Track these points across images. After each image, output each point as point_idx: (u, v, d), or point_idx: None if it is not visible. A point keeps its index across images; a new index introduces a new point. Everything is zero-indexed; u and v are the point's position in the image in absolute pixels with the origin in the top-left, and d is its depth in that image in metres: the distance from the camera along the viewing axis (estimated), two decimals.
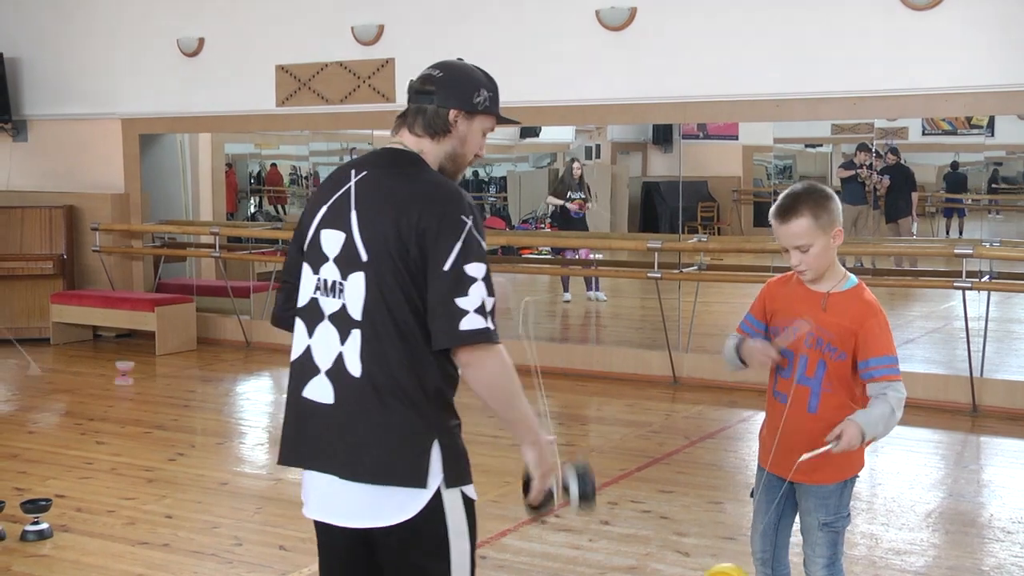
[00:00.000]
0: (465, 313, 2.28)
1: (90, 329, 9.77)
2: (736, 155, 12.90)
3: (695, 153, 12.14)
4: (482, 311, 2.29)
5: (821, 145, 10.34)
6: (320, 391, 2.39)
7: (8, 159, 10.68)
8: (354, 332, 2.35)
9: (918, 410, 6.74)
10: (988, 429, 6.62)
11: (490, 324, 2.30)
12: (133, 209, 10.07)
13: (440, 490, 2.35)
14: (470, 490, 2.43)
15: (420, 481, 2.33)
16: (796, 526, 3.17)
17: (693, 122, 9.49)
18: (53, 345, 9.49)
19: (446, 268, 2.29)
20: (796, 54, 7.39)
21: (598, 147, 13.03)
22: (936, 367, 7.85)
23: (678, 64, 7.79)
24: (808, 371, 2.96)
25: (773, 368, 3.06)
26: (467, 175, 12.36)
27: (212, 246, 9.69)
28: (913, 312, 9.81)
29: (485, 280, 2.30)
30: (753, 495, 3.19)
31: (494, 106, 2.51)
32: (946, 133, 9.62)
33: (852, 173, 9.41)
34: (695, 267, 8.18)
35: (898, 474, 5.59)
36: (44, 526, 4.63)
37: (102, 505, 5.08)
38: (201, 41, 9.64)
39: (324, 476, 2.39)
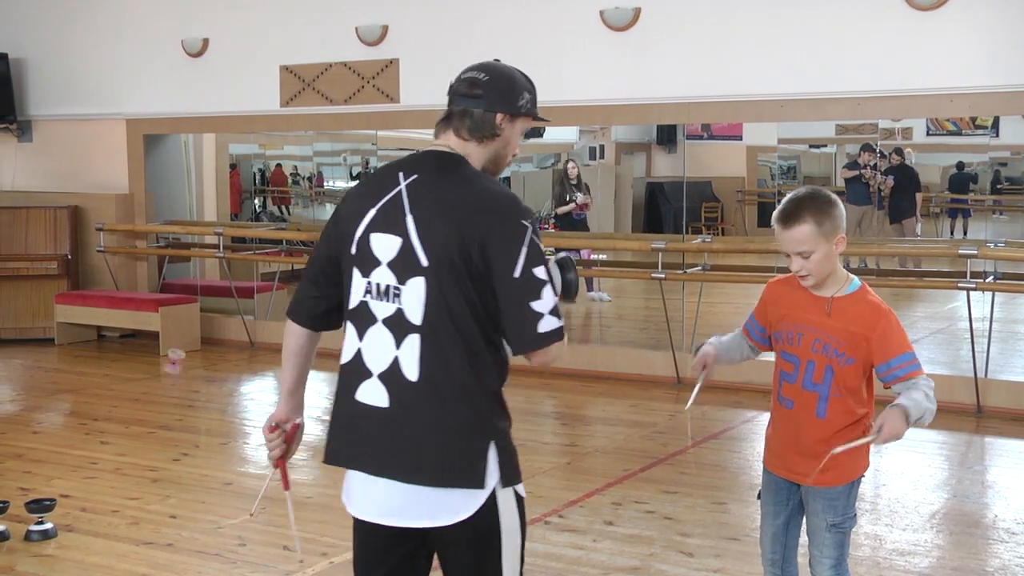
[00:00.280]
0: (541, 316, 2.35)
1: (94, 329, 9.78)
2: (740, 155, 12.89)
3: (699, 153, 12.12)
4: (554, 311, 2.37)
5: (825, 146, 10.31)
6: (373, 394, 2.40)
7: (13, 159, 10.70)
8: (412, 337, 2.36)
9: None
10: (992, 430, 6.61)
11: (561, 321, 2.38)
12: (137, 209, 10.08)
13: (495, 490, 2.39)
14: (521, 488, 2.47)
15: (479, 482, 2.37)
16: (802, 526, 3.17)
17: (697, 122, 9.48)
18: (57, 345, 9.51)
19: (516, 275, 2.33)
20: (800, 54, 7.39)
21: (602, 147, 13.01)
22: (940, 368, 7.83)
23: (682, 64, 7.79)
24: (816, 377, 2.94)
25: (777, 373, 3.05)
26: None
27: (216, 246, 9.70)
28: (917, 313, 9.80)
29: (550, 279, 2.38)
30: (760, 497, 3.18)
31: (534, 107, 2.55)
32: (950, 134, 9.60)
33: (856, 173, 9.40)
34: (699, 267, 8.18)
35: (902, 475, 5.59)
36: (48, 526, 4.64)
37: (106, 505, 5.09)
38: (206, 41, 9.66)
39: (376, 479, 2.41)
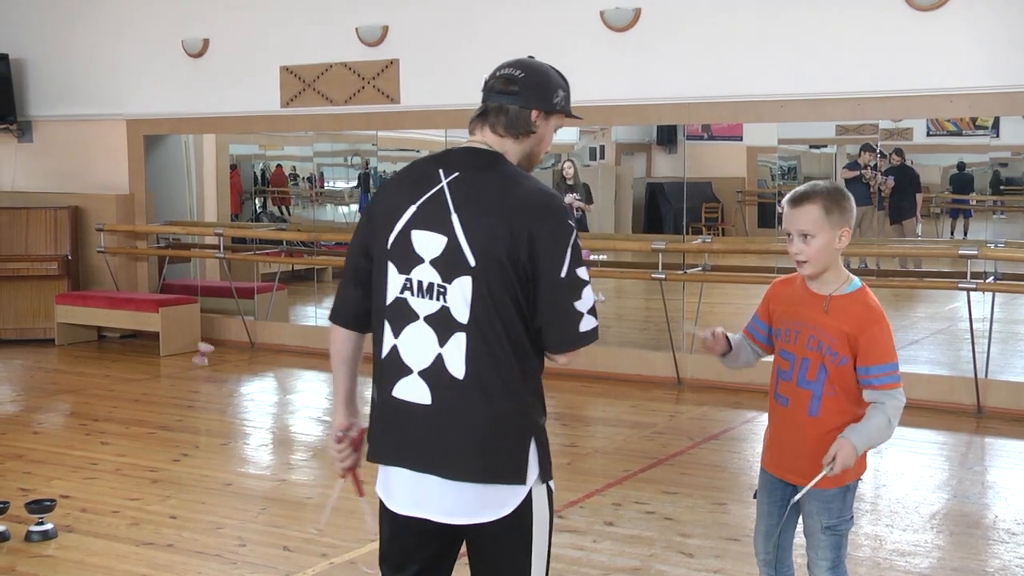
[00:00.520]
0: (582, 316, 2.39)
1: (95, 330, 9.78)
2: (740, 156, 12.87)
3: (699, 154, 12.11)
4: (592, 311, 2.41)
5: (825, 146, 10.30)
6: (413, 391, 2.41)
7: (13, 160, 10.70)
8: (458, 335, 2.37)
9: (922, 411, 6.74)
10: (993, 430, 6.61)
11: (597, 320, 2.43)
12: (138, 210, 10.08)
13: (533, 485, 2.42)
14: (552, 483, 2.50)
15: (521, 478, 2.40)
16: (800, 527, 3.17)
17: (697, 123, 9.48)
18: (58, 346, 9.51)
19: (563, 275, 2.36)
20: (800, 55, 7.39)
21: (602, 148, 13.00)
22: (941, 368, 7.84)
23: (682, 65, 7.79)
24: (809, 375, 2.94)
25: (775, 371, 3.06)
26: None
27: (216, 247, 9.70)
28: (917, 313, 9.80)
29: (589, 280, 2.42)
30: (756, 496, 3.19)
31: (568, 105, 2.56)
32: (951, 134, 9.58)
33: (856, 174, 9.39)
34: (699, 268, 8.18)
35: (902, 475, 5.59)
36: (49, 526, 4.64)
37: (106, 505, 5.09)
38: (206, 42, 9.66)
39: (419, 475, 2.42)
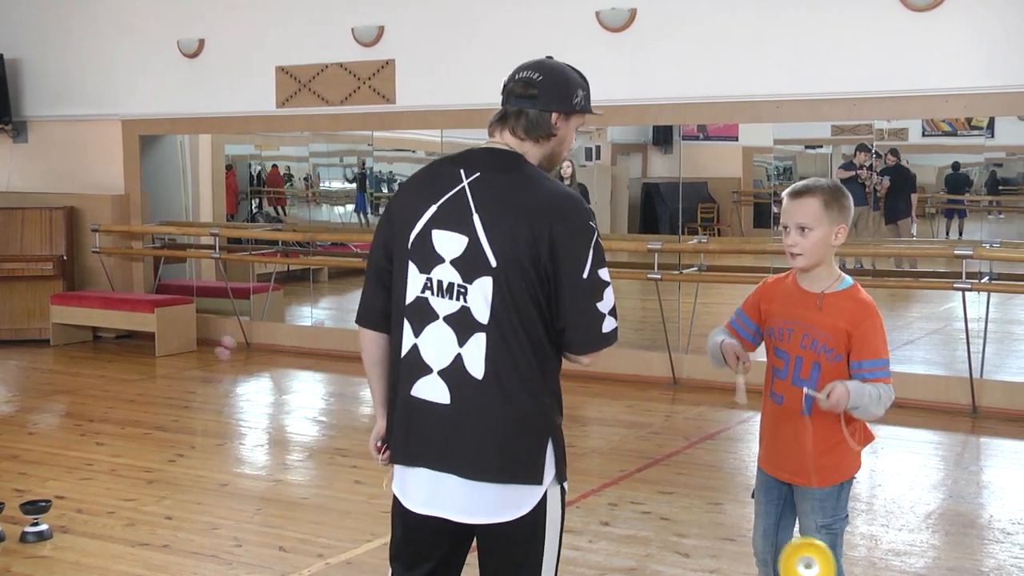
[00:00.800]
0: (604, 317, 2.40)
1: (90, 330, 9.77)
2: (736, 156, 12.88)
3: (695, 154, 12.11)
4: (614, 312, 2.41)
5: (821, 146, 10.31)
6: (432, 390, 2.41)
7: (8, 160, 10.68)
8: (478, 335, 2.37)
9: (918, 411, 6.75)
10: (988, 430, 6.62)
11: (617, 321, 2.43)
12: (133, 210, 10.07)
13: (549, 485, 2.43)
14: (566, 484, 2.50)
15: (538, 478, 2.41)
16: (795, 526, 3.17)
17: (693, 123, 9.48)
18: (53, 346, 9.49)
19: (585, 276, 2.36)
20: (796, 55, 7.40)
21: (598, 148, 13.01)
22: (936, 368, 7.85)
23: (678, 65, 7.79)
24: (803, 373, 2.95)
25: (769, 370, 3.06)
26: None
27: (212, 247, 9.69)
28: (913, 313, 9.81)
29: (610, 281, 2.42)
30: (754, 496, 3.19)
31: (588, 104, 2.55)
32: (946, 134, 9.60)
33: (852, 174, 9.39)
34: (695, 268, 8.18)
35: (898, 475, 5.60)
36: (44, 527, 4.63)
37: (102, 506, 5.08)
38: (201, 42, 9.65)
39: (439, 474, 2.41)
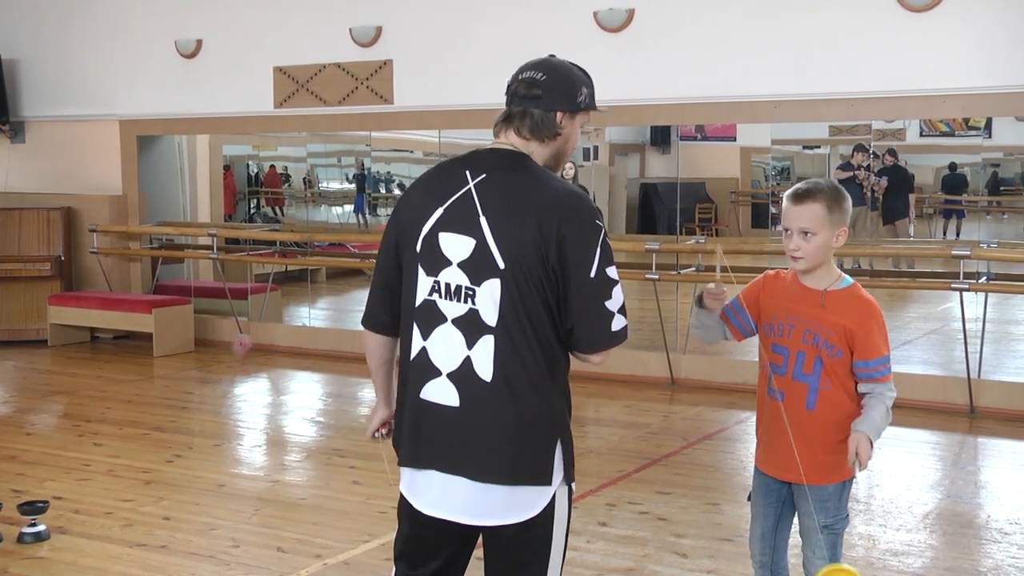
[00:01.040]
0: (613, 315, 2.39)
1: (87, 331, 9.76)
2: (734, 156, 12.87)
3: (693, 154, 12.11)
4: (623, 310, 2.40)
5: (819, 147, 10.31)
6: (442, 393, 2.41)
7: (6, 160, 10.67)
8: (486, 338, 2.36)
9: (916, 411, 6.75)
10: (986, 430, 6.62)
11: (627, 319, 2.42)
12: (131, 210, 10.07)
13: (557, 487, 2.43)
14: (573, 484, 2.50)
15: (547, 480, 2.40)
16: (794, 528, 3.17)
17: (691, 123, 9.48)
18: (51, 347, 9.48)
19: (592, 275, 2.36)
20: (794, 56, 7.41)
21: (596, 148, 13.00)
22: (934, 368, 7.85)
23: (676, 66, 7.80)
24: (805, 367, 2.95)
25: (766, 366, 3.05)
26: None
27: (210, 247, 9.69)
28: (911, 313, 9.81)
29: (619, 279, 2.40)
30: (750, 498, 3.18)
31: (592, 101, 2.53)
32: (944, 135, 9.60)
33: (850, 175, 9.39)
34: (693, 268, 8.18)
35: (896, 475, 5.60)
36: (41, 528, 4.62)
37: (99, 507, 5.08)
38: (199, 43, 9.64)
39: (448, 476, 2.41)
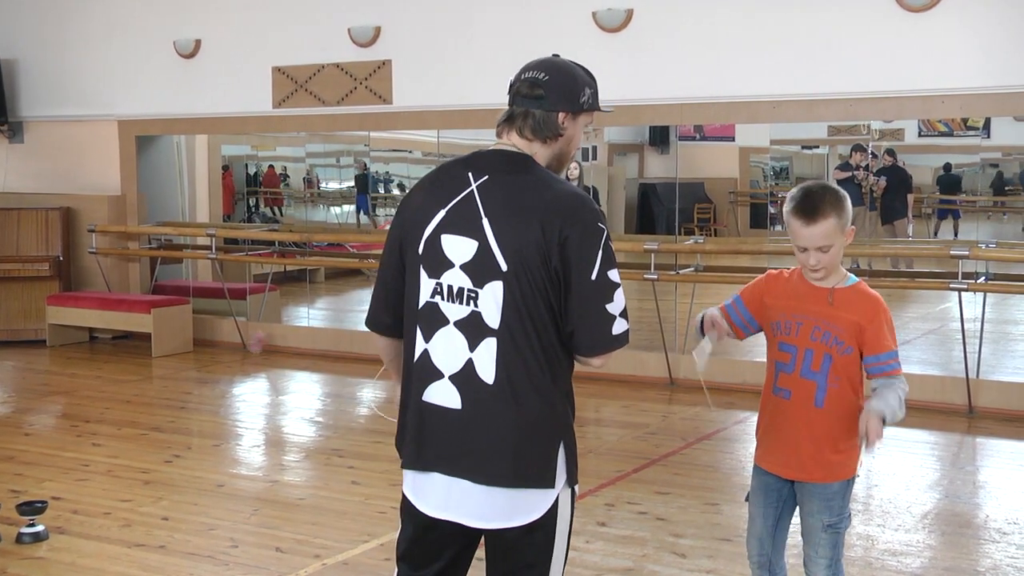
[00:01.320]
0: (614, 318, 2.37)
1: (86, 331, 9.76)
2: (732, 156, 12.89)
3: (691, 154, 12.13)
4: (624, 314, 2.39)
5: (817, 147, 10.33)
6: (444, 395, 2.40)
7: (4, 161, 10.67)
8: (488, 340, 2.36)
9: (914, 411, 6.69)
10: (984, 430, 6.63)
11: (629, 323, 2.41)
12: (129, 211, 10.07)
13: (560, 490, 2.42)
14: (576, 487, 2.49)
15: (550, 482, 2.40)
16: (792, 528, 3.17)
17: (690, 123, 9.50)
18: (49, 347, 9.48)
19: (593, 277, 2.34)
20: (792, 56, 7.41)
21: (595, 148, 13.01)
22: (932, 368, 7.85)
23: (675, 66, 7.80)
24: (814, 365, 2.95)
25: (772, 365, 3.05)
26: None
27: (209, 248, 9.68)
28: (909, 313, 9.81)
29: (621, 283, 2.39)
30: (748, 499, 3.18)
31: (596, 102, 2.52)
32: (942, 135, 9.61)
33: (849, 175, 9.40)
34: (692, 268, 8.19)
35: (894, 475, 5.60)
36: (40, 528, 4.62)
37: (98, 507, 5.08)
38: (198, 43, 9.64)
39: (451, 479, 2.40)
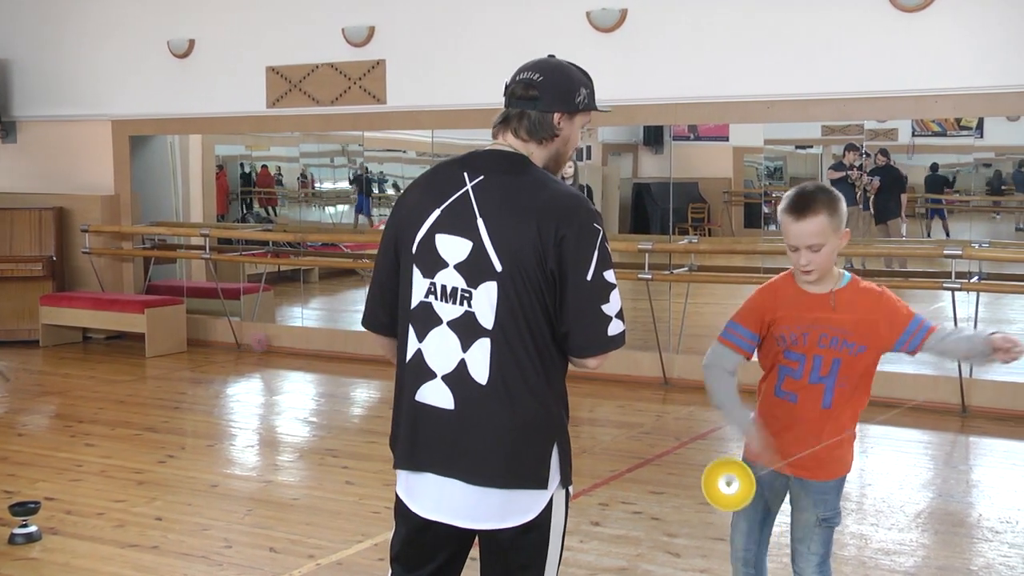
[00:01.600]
0: (610, 319, 2.36)
1: (80, 331, 9.74)
2: (727, 156, 12.88)
3: (685, 154, 12.11)
4: (620, 315, 2.38)
5: (811, 147, 10.34)
6: (437, 395, 2.39)
7: None
8: (482, 340, 2.35)
9: (907, 411, 6.76)
10: (977, 429, 6.64)
11: (625, 324, 2.40)
12: (123, 211, 10.05)
13: (554, 491, 2.42)
14: (571, 488, 2.49)
15: (544, 483, 2.39)
16: (778, 528, 3.18)
17: (684, 123, 9.48)
18: (42, 347, 9.46)
19: (589, 278, 2.33)
20: (786, 56, 7.42)
21: (589, 148, 13.01)
22: (926, 367, 7.85)
23: (669, 66, 7.80)
24: (823, 370, 2.94)
25: (775, 369, 3.03)
26: None
27: (202, 247, 9.67)
28: None
29: (616, 284, 2.38)
30: None
31: (592, 102, 2.51)
32: (935, 135, 9.62)
33: (842, 175, 9.41)
34: (686, 268, 8.19)
35: (888, 474, 5.61)
36: (33, 529, 4.61)
37: (91, 507, 5.07)
38: (192, 42, 9.63)
39: (444, 479, 2.40)
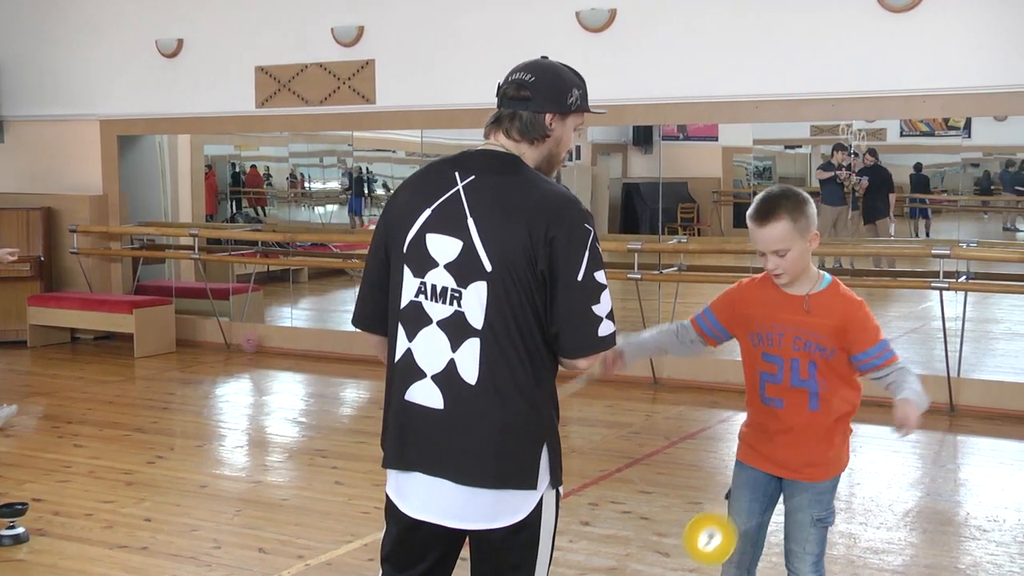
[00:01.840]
0: (600, 320, 2.36)
1: (68, 332, 9.71)
2: (716, 156, 12.91)
3: (675, 154, 12.13)
4: (611, 315, 2.38)
5: (800, 146, 10.37)
6: (426, 395, 2.39)
7: None
8: (472, 340, 2.34)
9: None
10: (965, 428, 6.66)
11: (615, 326, 2.40)
12: (112, 211, 10.02)
13: (544, 491, 2.41)
14: (561, 488, 2.49)
15: (533, 483, 2.38)
16: (772, 527, 3.18)
17: (673, 123, 9.51)
18: (30, 348, 9.43)
19: (580, 278, 2.33)
20: (775, 56, 7.43)
21: (578, 148, 13.02)
22: (914, 367, 7.79)
23: (658, 65, 7.81)
24: (802, 374, 2.96)
25: (756, 375, 3.04)
26: None
27: (191, 248, 9.65)
28: (891, 312, 9.85)
29: (607, 284, 2.38)
30: (728, 496, 3.19)
31: (585, 103, 2.51)
32: (924, 135, 9.66)
33: (831, 175, 9.45)
34: (675, 268, 8.21)
35: (876, 473, 5.63)
36: (20, 530, 4.60)
37: (80, 509, 5.05)
38: (180, 42, 9.60)
39: (433, 479, 2.39)
